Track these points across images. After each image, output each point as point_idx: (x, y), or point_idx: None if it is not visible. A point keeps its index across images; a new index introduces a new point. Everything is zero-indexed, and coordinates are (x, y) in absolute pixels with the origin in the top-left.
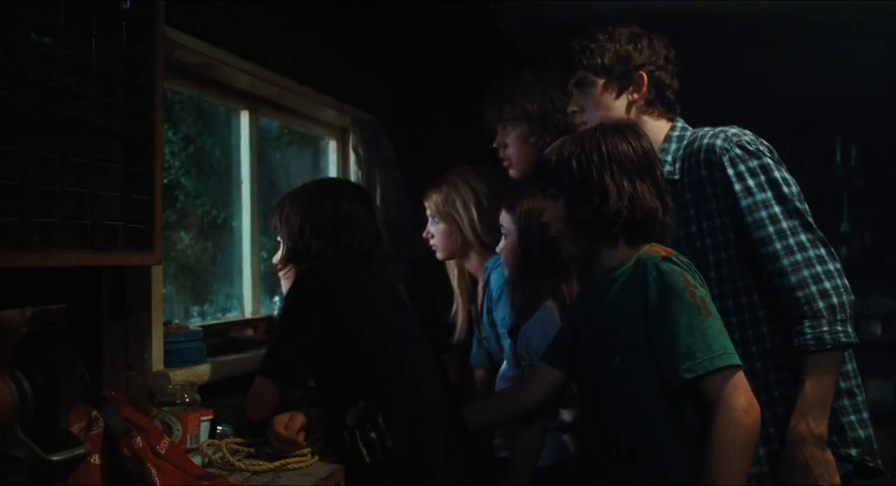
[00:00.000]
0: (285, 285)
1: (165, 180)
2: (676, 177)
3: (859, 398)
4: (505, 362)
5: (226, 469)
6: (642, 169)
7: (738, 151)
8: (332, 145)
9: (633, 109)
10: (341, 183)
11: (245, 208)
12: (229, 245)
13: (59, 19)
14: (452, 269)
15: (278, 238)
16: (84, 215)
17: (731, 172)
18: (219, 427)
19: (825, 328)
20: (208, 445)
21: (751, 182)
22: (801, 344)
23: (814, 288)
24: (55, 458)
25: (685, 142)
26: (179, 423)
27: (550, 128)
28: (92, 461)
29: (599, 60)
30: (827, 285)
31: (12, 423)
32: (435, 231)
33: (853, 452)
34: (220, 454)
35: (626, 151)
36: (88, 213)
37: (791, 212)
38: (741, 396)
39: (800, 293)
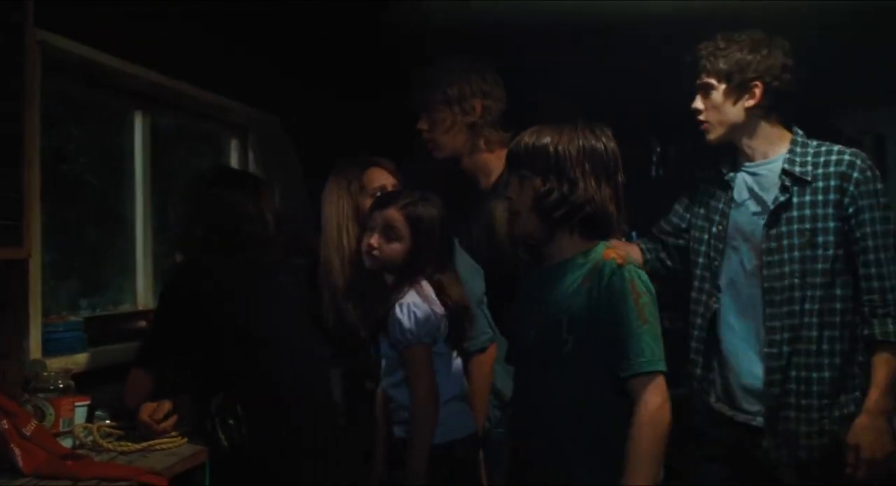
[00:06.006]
0: None
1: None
2: (809, 178)
3: None
4: (384, 364)
5: (94, 450)
6: (609, 171)
7: (869, 173)
8: (235, 144)
9: (751, 115)
10: (229, 172)
11: (139, 204)
12: (124, 239)
13: None
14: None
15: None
16: None
17: (859, 188)
18: (97, 412)
19: None
20: (82, 428)
21: (870, 200)
22: (883, 333)
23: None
24: None
25: (812, 149)
26: (52, 408)
27: (470, 112)
28: None
29: (720, 66)
30: None
31: None
32: None
33: None
34: (91, 437)
35: (600, 151)
36: None
37: (890, 232)
38: (658, 396)
39: (890, 296)
